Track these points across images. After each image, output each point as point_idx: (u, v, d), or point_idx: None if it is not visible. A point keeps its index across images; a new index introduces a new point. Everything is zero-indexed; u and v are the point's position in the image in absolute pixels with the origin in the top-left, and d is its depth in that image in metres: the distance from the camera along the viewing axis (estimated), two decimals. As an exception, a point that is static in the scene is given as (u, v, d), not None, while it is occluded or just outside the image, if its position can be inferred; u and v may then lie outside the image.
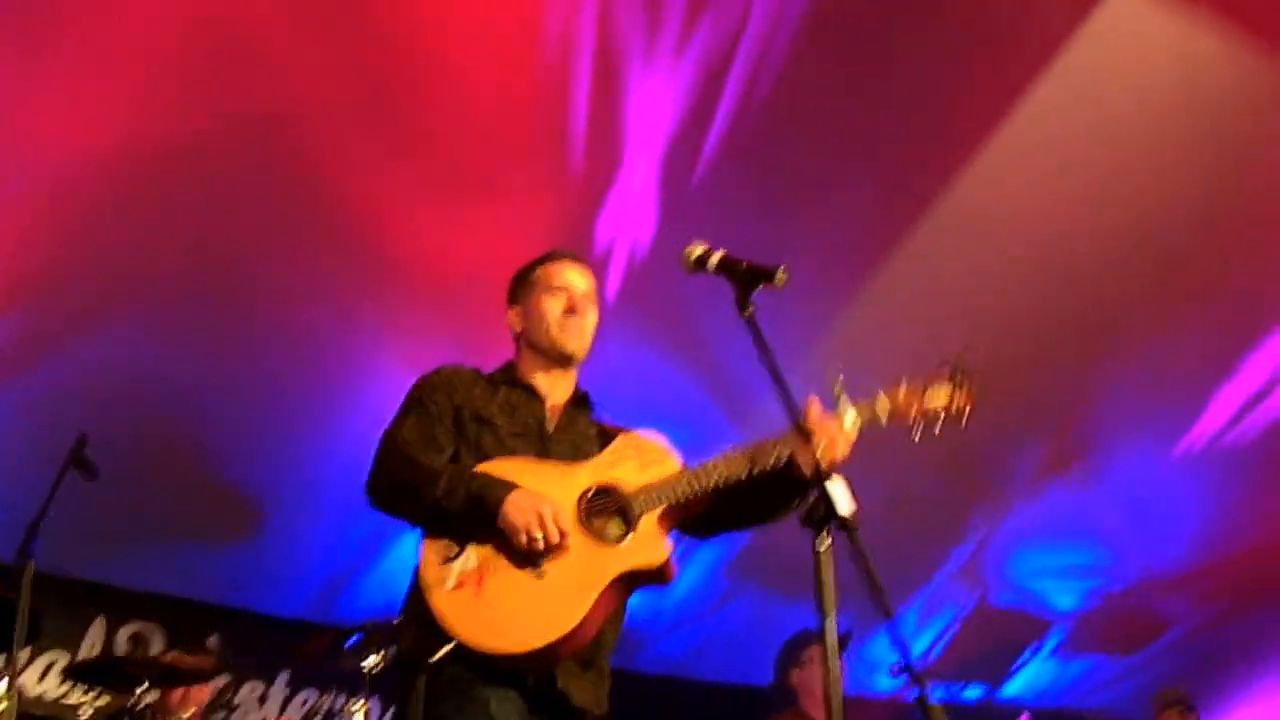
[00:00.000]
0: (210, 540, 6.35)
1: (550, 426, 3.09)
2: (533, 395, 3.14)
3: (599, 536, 2.85)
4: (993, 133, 5.43)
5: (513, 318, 3.28)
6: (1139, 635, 7.71)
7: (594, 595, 2.77)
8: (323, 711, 6.67)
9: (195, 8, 4.68)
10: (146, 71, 4.78)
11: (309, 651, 5.57)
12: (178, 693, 5.35)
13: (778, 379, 2.43)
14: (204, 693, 5.49)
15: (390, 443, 2.99)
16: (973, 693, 7.95)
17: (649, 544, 2.86)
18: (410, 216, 5.40)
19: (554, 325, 3.16)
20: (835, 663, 2.25)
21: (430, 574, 2.78)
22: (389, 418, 6.56)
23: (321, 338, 5.78)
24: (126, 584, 6.36)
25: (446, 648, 2.68)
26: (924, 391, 2.97)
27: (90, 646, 6.21)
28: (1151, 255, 5.99)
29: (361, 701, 5.27)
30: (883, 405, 2.95)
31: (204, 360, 5.70)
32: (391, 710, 5.81)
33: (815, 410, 2.83)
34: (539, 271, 3.26)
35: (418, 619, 2.78)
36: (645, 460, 2.98)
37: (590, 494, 2.90)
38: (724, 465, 2.89)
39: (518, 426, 3.05)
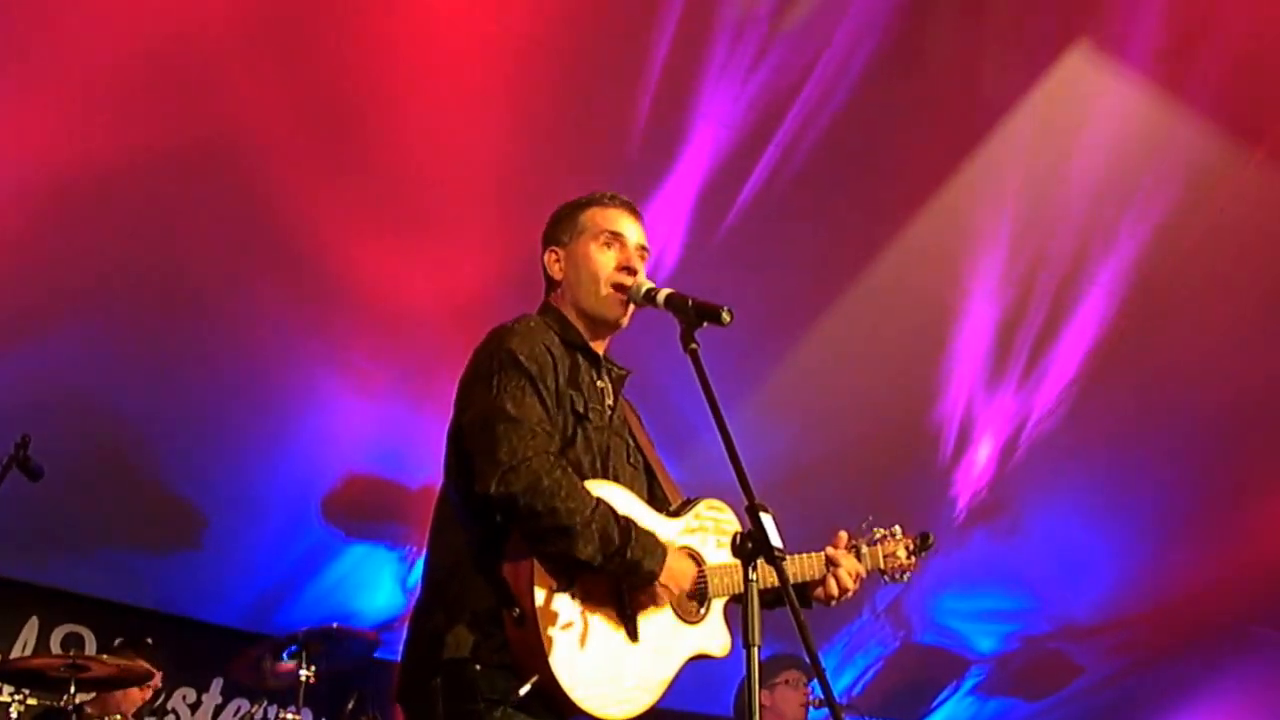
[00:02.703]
0: (149, 547, 6.35)
1: (619, 419, 2.87)
2: (596, 365, 2.87)
3: (681, 610, 2.74)
4: (927, 202, 5.59)
5: (550, 261, 2.92)
6: (1051, 681, 7.90)
7: (670, 676, 2.68)
8: (255, 720, 6.68)
9: (147, 30, 4.66)
10: (96, 89, 4.75)
11: (244, 660, 5.61)
12: (111, 696, 5.37)
13: (717, 414, 2.46)
14: (138, 696, 5.50)
15: (516, 432, 2.53)
16: (892, 729, 8.09)
17: (719, 631, 2.81)
18: (360, 247, 5.41)
19: (604, 286, 2.83)
20: (756, 694, 2.29)
21: (544, 601, 2.50)
22: (331, 439, 6.55)
23: (268, 357, 5.79)
24: (62, 586, 6.34)
25: (529, 684, 2.47)
26: (896, 547, 3.18)
27: (23, 647, 6.19)
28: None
29: (294, 711, 5.34)
30: (876, 555, 3.13)
31: (150, 373, 5.70)
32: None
33: (842, 541, 3.03)
34: (588, 214, 2.91)
35: (479, 624, 2.53)
36: (721, 539, 2.83)
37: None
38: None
39: (599, 418, 2.79)
